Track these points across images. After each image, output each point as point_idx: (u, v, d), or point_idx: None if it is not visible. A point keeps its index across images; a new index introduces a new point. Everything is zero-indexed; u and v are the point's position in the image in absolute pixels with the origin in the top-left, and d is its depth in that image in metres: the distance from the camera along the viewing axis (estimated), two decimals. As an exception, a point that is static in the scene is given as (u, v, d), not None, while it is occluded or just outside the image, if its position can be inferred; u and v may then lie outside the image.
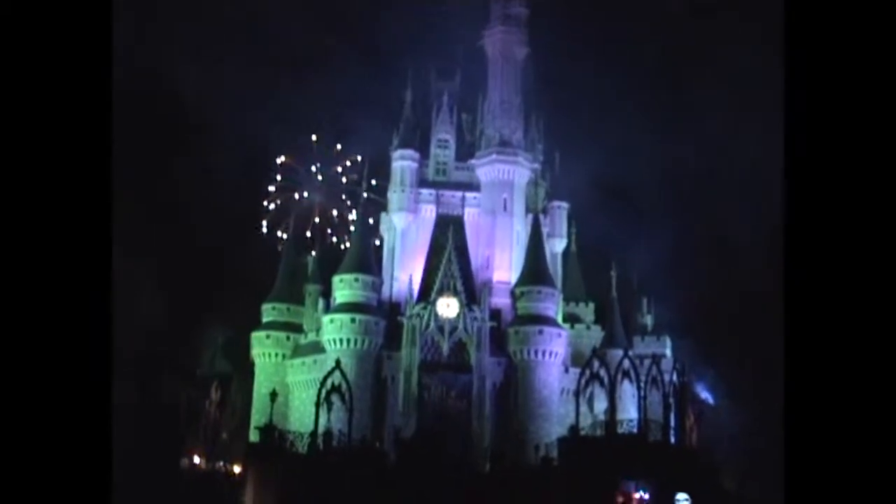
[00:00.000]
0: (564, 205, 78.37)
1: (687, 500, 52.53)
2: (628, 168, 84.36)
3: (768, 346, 77.32)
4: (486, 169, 75.64)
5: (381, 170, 79.19)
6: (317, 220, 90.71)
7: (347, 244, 78.75)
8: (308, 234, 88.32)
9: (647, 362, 61.78)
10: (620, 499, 54.06)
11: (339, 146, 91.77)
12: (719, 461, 60.27)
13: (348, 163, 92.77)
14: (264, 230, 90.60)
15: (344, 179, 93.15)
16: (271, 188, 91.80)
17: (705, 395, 68.71)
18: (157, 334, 71.92)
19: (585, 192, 76.86)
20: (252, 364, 74.12)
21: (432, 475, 52.52)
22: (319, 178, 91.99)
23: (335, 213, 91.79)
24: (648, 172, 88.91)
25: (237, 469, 63.76)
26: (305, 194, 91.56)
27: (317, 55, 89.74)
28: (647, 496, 54.51)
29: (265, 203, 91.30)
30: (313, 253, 79.71)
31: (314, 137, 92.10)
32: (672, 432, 58.96)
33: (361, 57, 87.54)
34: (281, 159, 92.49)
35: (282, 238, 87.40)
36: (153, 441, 63.28)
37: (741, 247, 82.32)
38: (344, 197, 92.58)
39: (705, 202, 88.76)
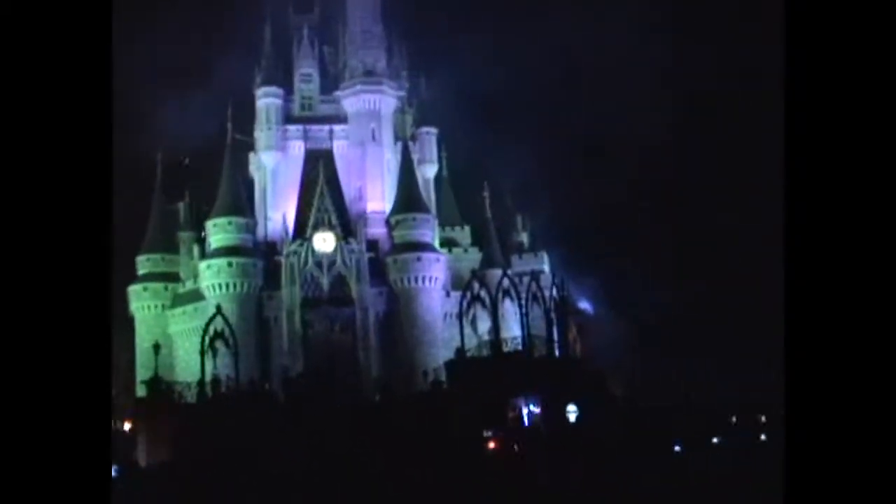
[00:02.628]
0: (433, 130, 78.40)
1: (575, 411, 53.80)
2: (493, 84, 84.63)
3: (645, 249, 79.75)
4: (352, 100, 75.09)
5: (247, 109, 77.64)
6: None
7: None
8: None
9: (526, 279, 62.76)
10: (507, 415, 55.08)
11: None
12: (604, 369, 61.69)
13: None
14: None
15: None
16: None
17: (584, 305, 70.14)
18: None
19: (453, 116, 77.07)
20: (131, 318, 72.90)
21: (323, 410, 52.66)
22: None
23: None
24: (514, 84, 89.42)
25: (127, 426, 62.85)
26: None
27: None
28: (537, 409, 55.63)
29: None
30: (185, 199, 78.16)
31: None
32: (556, 346, 60.20)
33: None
34: None
35: None
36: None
37: (616, 148, 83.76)
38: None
39: (573, 105, 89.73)
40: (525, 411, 55.61)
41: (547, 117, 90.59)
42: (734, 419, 58.85)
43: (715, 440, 55.43)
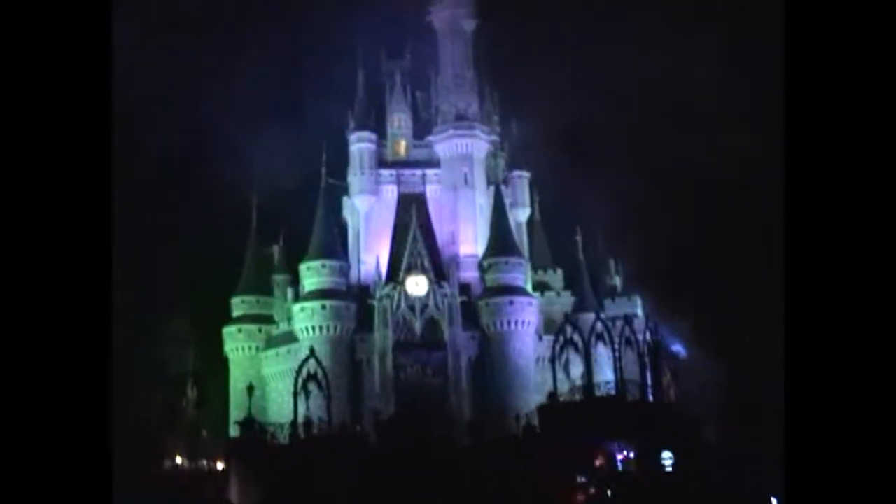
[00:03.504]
0: (525, 174, 78.48)
1: (670, 458, 52.81)
2: (584, 126, 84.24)
3: (735, 290, 78.23)
4: (445, 144, 75.60)
5: (340, 153, 78.52)
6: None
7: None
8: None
9: (619, 323, 61.98)
10: (600, 461, 54.25)
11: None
12: (698, 414, 60.48)
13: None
14: None
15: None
16: None
17: (677, 348, 68.94)
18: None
19: (545, 159, 76.82)
20: (226, 359, 73.79)
21: (414, 454, 52.54)
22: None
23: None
24: (605, 125, 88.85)
25: (220, 466, 63.48)
26: None
27: (259, 42, 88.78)
28: (631, 455, 54.77)
29: None
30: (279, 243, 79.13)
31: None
32: (649, 390, 59.32)
33: (309, 42, 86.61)
34: None
35: None
36: (132, 445, 62.69)
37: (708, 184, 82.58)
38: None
39: (664, 143, 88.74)
40: (619, 457, 54.76)
41: (638, 158, 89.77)
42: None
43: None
